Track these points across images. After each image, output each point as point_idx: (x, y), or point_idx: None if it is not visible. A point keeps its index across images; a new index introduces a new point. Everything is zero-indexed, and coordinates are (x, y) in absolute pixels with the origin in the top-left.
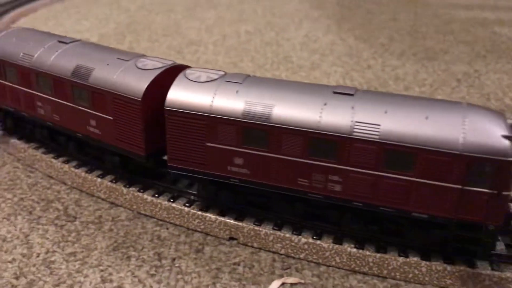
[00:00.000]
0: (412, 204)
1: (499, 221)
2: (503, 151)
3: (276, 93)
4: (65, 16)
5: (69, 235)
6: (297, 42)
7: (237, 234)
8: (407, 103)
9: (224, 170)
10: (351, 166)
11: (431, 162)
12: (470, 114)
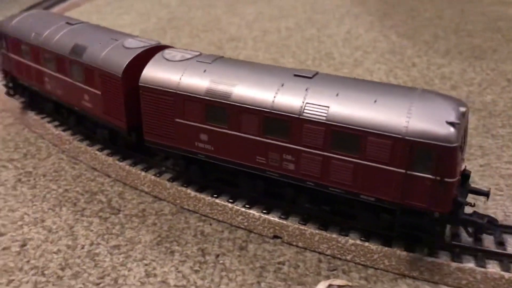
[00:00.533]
0: (360, 186)
1: (444, 209)
2: (446, 137)
3: (240, 73)
4: (108, 11)
5: (113, 227)
6: (339, 38)
7: (282, 233)
8: (361, 87)
9: (192, 145)
10: (302, 146)
11: (375, 145)
12: (420, 100)
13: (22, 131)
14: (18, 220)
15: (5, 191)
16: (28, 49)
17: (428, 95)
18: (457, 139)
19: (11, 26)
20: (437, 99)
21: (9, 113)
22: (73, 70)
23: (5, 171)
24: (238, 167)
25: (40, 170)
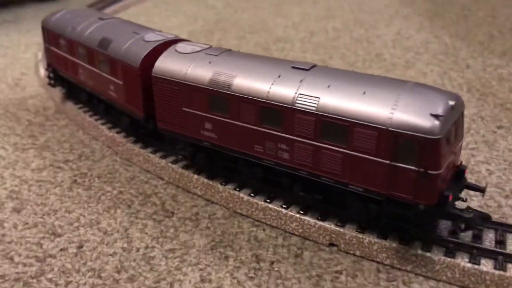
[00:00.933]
0: (348, 176)
1: (429, 202)
2: (429, 129)
3: (242, 65)
4: (155, 13)
5: (167, 230)
6: (388, 39)
7: (338, 241)
8: (353, 79)
9: (198, 133)
10: (295, 135)
11: (361, 136)
12: (409, 92)
13: (77, 132)
14: (74, 222)
15: (61, 192)
16: (65, 42)
17: (419, 88)
18: (441, 131)
19: (51, 21)
20: (427, 92)
21: (63, 114)
22: (100, 62)
23: (61, 172)
24: (238, 155)
25: (94, 171)
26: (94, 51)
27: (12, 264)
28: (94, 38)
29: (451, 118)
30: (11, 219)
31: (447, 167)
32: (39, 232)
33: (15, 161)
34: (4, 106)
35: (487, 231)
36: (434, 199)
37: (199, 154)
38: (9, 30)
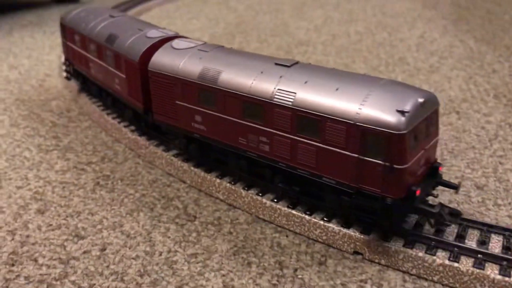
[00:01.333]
0: (322, 169)
1: (396, 195)
2: (393, 125)
3: (229, 61)
4: (177, 16)
5: (189, 235)
6: (412, 43)
7: (363, 249)
8: (330, 76)
9: (189, 125)
10: (273, 129)
11: (332, 130)
12: (380, 89)
13: (100, 134)
14: (97, 224)
15: (85, 194)
16: (78, 38)
17: (391, 85)
18: (406, 127)
19: (68, 18)
20: (398, 89)
21: (86, 116)
22: (107, 56)
23: (84, 174)
24: (225, 147)
25: (117, 174)
26: (102, 46)
27: (36, 265)
28: (103, 34)
29: (419, 115)
30: (35, 220)
31: (417, 163)
32: (62, 234)
33: (39, 162)
34: (28, 107)
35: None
36: (401, 193)
37: (192, 146)
38: (33, 31)
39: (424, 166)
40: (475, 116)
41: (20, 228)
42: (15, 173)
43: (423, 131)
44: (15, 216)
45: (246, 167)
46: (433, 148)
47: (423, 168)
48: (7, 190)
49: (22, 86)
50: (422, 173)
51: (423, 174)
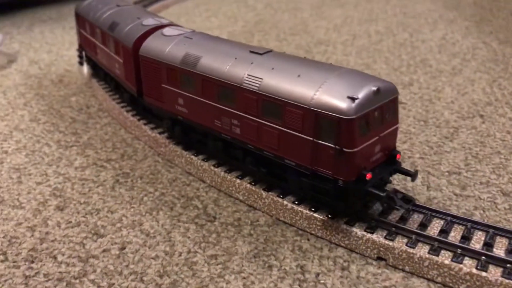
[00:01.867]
0: (283, 151)
1: (347, 178)
2: (343, 110)
3: (209, 48)
4: (196, 13)
5: (209, 235)
6: (434, 44)
7: (387, 255)
8: (296, 64)
9: (173, 108)
10: (243, 112)
11: (291, 114)
12: (337, 76)
13: (119, 131)
14: (117, 222)
15: (104, 191)
16: (88, 25)
17: (349, 73)
18: (356, 112)
19: (81, 7)
20: (354, 77)
21: (106, 112)
22: (109, 43)
23: (104, 171)
24: (204, 129)
25: (137, 172)
26: (105, 33)
27: (55, 263)
28: (107, 22)
29: (372, 102)
30: (55, 217)
31: (369, 148)
32: (81, 232)
33: (59, 158)
34: (48, 103)
35: None
36: (351, 176)
37: (176, 127)
38: (53, 27)
39: (381, 153)
40: (500, 120)
41: (40, 224)
42: (34, 168)
43: (376, 118)
44: (34, 212)
45: (222, 148)
46: (391, 136)
47: (379, 155)
48: (27, 186)
49: (42, 81)
50: (378, 159)
51: (380, 161)
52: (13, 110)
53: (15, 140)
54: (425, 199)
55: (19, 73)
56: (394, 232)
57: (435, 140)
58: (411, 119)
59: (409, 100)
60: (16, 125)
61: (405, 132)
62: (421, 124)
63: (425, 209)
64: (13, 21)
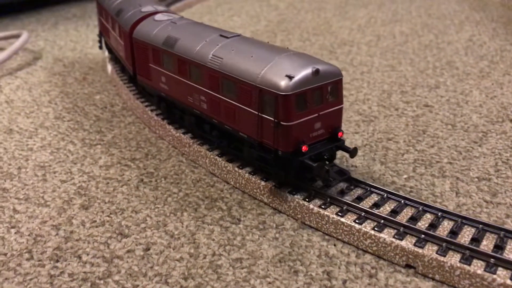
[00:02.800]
0: (238, 125)
1: (285, 149)
2: (281, 87)
3: (186, 31)
4: (218, 12)
5: (234, 238)
6: (460, 46)
7: (416, 263)
8: (253, 46)
9: (158, 85)
10: (208, 89)
11: (243, 91)
12: (283, 58)
13: (143, 130)
14: (141, 222)
15: (129, 191)
16: (104, 12)
17: (296, 55)
18: (292, 90)
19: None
20: (299, 58)
21: (130, 111)
22: (116, 27)
23: (128, 171)
24: (180, 104)
25: (161, 171)
26: (114, 19)
27: (80, 262)
28: (116, 9)
29: (310, 82)
30: (79, 216)
31: (307, 124)
32: (106, 231)
33: (83, 157)
34: (72, 100)
35: None
36: (289, 147)
37: (162, 103)
38: (77, 24)
39: (322, 130)
40: None
41: (64, 223)
42: (59, 166)
43: (315, 97)
44: (59, 210)
45: (194, 122)
46: (334, 115)
47: (321, 132)
48: (52, 184)
49: (66, 78)
50: (320, 135)
51: (322, 137)
52: (38, 108)
53: (40, 138)
54: (455, 206)
55: (44, 70)
56: (423, 239)
57: (464, 145)
58: (438, 123)
59: (435, 103)
60: (41, 123)
61: (433, 136)
62: (448, 128)
63: (455, 216)
64: (38, 18)
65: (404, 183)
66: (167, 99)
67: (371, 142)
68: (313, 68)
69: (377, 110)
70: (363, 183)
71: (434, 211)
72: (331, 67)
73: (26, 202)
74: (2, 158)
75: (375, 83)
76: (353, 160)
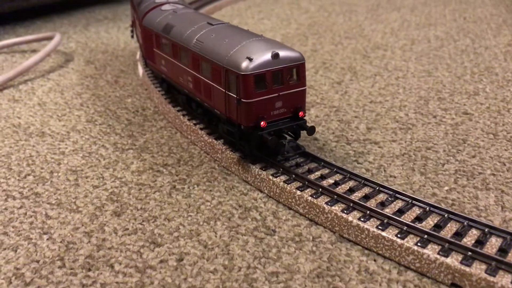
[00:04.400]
0: (213, 102)
1: (246, 123)
2: (241, 67)
3: (182, 19)
4: (248, 15)
5: (269, 250)
6: (498, 51)
7: (463, 282)
8: (229, 32)
9: (160, 68)
10: (192, 70)
11: (215, 71)
12: (251, 42)
13: (175, 135)
14: (174, 231)
15: (161, 197)
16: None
17: (264, 40)
18: (252, 70)
19: None
20: (265, 43)
21: (162, 115)
22: (137, 18)
23: (160, 176)
24: (175, 84)
25: (193, 178)
26: (136, 10)
27: (112, 272)
28: (138, 2)
29: (270, 65)
30: (111, 223)
31: (267, 102)
32: (139, 240)
33: (115, 162)
34: (104, 104)
35: None
36: (249, 122)
37: (164, 84)
38: (108, 27)
39: (284, 109)
40: None
41: (97, 230)
42: (91, 171)
43: (276, 78)
44: (91, 217)
45: (185, 101)
46: (295, 96)
47: (282, 110)
48: (84, 189)
49: (98, 81)
50: (282, 114)
51: (284, 115)
52: (70, 110)
53: (72, 141)
54: (501, 221)
55: (76, 72)
56: (470, 256)
57: (507, 155)
58: (479, 132)
59: (475, 110)
60: (73, 126)
61: (473, 145)
62: (490, 137)
63: (503, 232)
64: (70, 20)
65: (446, 195)
66: (166, 80)
67: (409, 151)
68: (273, 52)
69: (414, 118)
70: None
71: (481, 227)
72: (293, 53)
73: (58, 207)
74: (34, 161)
75: (411, 89)
76: (391, 170)
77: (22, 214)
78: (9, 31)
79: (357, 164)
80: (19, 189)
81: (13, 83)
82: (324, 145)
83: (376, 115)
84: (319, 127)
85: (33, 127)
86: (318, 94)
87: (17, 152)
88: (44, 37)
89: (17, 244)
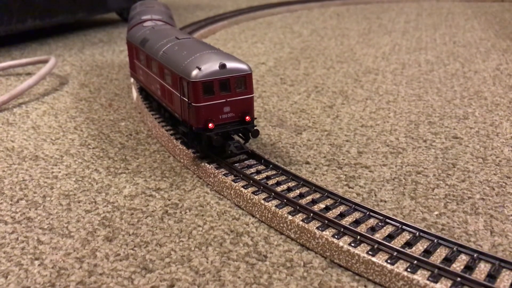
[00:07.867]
0: (173, 106)
1: (196, 125)
2: (191, 75)
3: (157, 34)
4: (242, 39)
5: (260, 276)
6: (487, 75)
7: None
8: (191, 46)
9: (139, 77)
10: (159, 78)
11: (174, 79)
12: (206, 55)
13: (168, 159)
14: (165, 257)
15: (153, 222)
16: None
17: (216, 53)
18: (200, 78)
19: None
20: (216, 55)
21: (155, 139)
22: None
23: (152, 201)
24: (149, 91)
25: (185, 203)
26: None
27: None
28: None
29: (217, 74)
30: (103, 248)
31: (214, 107)
32: (130, 266)
33: (108, 186)
34: (98, 127)
35: None
36: (199, 124)
37: (143, 92)
38: (103, 50)
39: (232, 114)
40: None
41: (88, 255)
42: (84, 195)
43: (223, 86)
44: (83, 242)
45: (157, 106)
46: (243, 102)
47: (230, 115)
48: (76, 214)
49: (92, 104)
50: (230, 118)
51: (232, 120)
52: (63, 134)
53: (65, 165)
54: (490, 246)
55: (70, 96)
56: (459, 282)
57: (496, 180)
58: (468, 156)
59: (465, 135)
60: (67, 150)
61: (463, 169)
62: (479, 161)
63: (492, 258)
64: (65, 43)
65: (436, 220)
66: (143, 88)
67: (400, 176)
68: (221, 63)
69: (405, 142)
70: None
71: (470, 252)
72: (241, 64)
73: (50, 232)
74: (27, 185)
75: (401, 113)
76: (382, 194)
77: (14, 239)
78: (4, 54)
79: (348, 189)
80: (11, 214)
81: (8, 106)
82: (315, 169)
83: (367, 139)
84: (311, 151)
85: (27, 150)
86: (310, 117)
87: (10, 176)
88: (39, 60)
89: (8, 270)
